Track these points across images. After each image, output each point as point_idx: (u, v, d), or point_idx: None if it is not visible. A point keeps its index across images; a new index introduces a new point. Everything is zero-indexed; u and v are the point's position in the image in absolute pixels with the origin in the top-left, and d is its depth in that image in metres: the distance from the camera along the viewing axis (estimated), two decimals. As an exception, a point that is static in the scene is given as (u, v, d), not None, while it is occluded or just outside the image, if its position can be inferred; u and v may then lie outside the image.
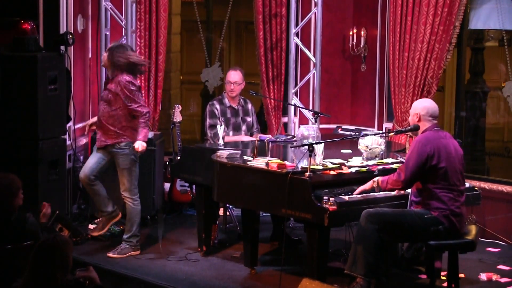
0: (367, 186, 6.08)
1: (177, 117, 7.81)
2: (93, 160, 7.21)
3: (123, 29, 8.55)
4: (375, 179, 6.06)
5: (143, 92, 8.59)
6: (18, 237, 5.41)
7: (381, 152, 6.70)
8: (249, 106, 7.95)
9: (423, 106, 6.11)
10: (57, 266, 4.42)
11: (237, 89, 7.79)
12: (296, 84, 8.76)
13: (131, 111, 7.07)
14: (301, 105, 8.71)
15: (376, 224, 5.84)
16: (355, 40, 8.87)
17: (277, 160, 6.29)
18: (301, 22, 8.69)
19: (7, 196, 5.53)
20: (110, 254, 7.18)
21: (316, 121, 7.75)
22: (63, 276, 4.43)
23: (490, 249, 7.59)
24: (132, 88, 7.04)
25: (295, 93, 8.75)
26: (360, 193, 6.08)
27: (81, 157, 8.48)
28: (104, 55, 7.26)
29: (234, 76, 7.78)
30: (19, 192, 5.61)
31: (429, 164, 5.87)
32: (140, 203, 7.31)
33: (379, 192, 6.10)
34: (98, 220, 7.69)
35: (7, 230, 5.45)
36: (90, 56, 8.78)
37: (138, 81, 7.47)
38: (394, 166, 6.45)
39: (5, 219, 5.48)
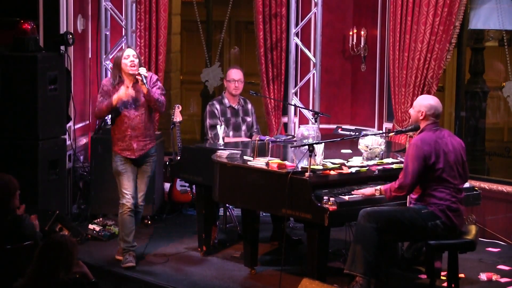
0: (367, 192, 6.06)
1: (177, 117, 7.81)
2: (132, 183, 6.94)
3: (123, 29, 8.54)
4: (377, 187, 6.03)
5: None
6: (14, 237, 5.42)
7: (381, 152, 6.69)
8: (249, 106, 7.93)
9: (430, 104, 6.04)
10: (61, 264, 4.44)
11: (240, 87, 7.79)
12: (296, 84, 8.76)
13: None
14: (301, 105, 8.70)
15: (374, 223, 5.84)
16: (355, 40, 8.86)
17: (277, 160, 6.28)
18: (301, 22, 8.69)
19: (4, 196, 5.53)
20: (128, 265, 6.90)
21: (316, 121, 7.74)
22: (64, 275, 4.44)
23: (490, 249, 7.58)
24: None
25: (295, 93, 8.75)
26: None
27: (81, 157, 8.47)
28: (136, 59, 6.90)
29: (237, 73, 7.77)
30: (16, 193, 5.61)
31: (427, 164, 5.87)
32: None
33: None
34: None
35: (2, 230, 5.45)
36: (90, 56, 8.77)
37: None
38: (394, 166, 6.44)
39: (1, 219, 5.48)
